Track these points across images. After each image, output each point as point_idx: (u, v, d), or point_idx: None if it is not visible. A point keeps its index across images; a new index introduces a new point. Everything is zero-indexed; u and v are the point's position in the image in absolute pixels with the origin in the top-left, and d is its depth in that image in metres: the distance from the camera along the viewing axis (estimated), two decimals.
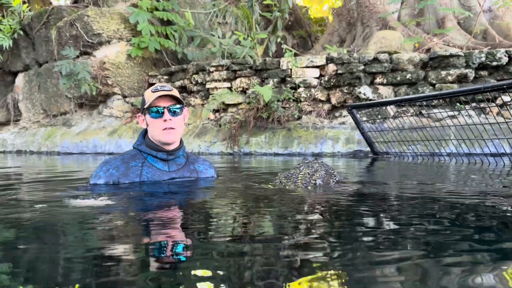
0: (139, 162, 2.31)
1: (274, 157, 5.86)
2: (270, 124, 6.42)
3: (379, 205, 1.89)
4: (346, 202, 1.98)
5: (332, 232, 1.35)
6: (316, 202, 1.93)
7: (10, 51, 9.08)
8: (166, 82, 8.03)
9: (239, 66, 6.83)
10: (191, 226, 1.49)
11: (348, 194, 2.17)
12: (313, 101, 6.47)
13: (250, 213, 1.71)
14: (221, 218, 1.64)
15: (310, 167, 2.56)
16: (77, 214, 1.67)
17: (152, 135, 2.31)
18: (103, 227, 1.46)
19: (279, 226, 1.47)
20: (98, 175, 2.27)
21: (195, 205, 1.92)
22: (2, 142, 9.31)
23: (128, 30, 8.20)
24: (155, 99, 2.25)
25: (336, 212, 1.70)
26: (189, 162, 2.48)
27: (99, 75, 7.85)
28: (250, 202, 1.98)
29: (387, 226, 1.45)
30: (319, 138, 6.12)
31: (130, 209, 1.77)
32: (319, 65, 6.43)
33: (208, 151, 6.51)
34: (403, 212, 1.68)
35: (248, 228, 1.45)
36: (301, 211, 1.71)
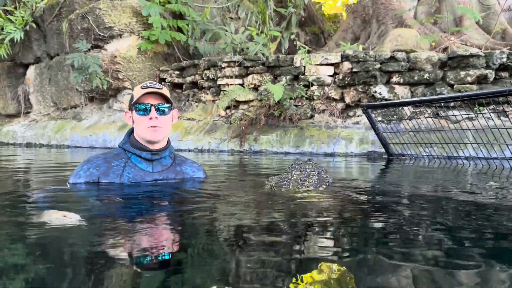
0: (122, 161, 2.24)
1: (285, 156, 5.74)
2: (281, 122, 6.30)
3: (367, 212, 1.78)
4: (334, 209, 1.84)
5: (317, 242, 1.26)
6: (304, 210, 1.80)
7: (22, 43, 9.05)
8: (177, 77, 7.94)
9: (251, 63, 6.70)
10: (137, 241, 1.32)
11: (339, 201, 2.04)
12: (327, 100, 6.33)
13: (226, 224, 1.55)
14: (187, 230, 1.47)
15: (302, 171, 2.45)
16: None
17: (137, 133, 2.24)
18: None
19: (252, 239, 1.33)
20: (79, 174, 2.21)
21: (155, 215, 1.72)
22: (12, 134, 9.30)
23: (140, 24, 8.10)
24: (142, 95, 2.16)
25: (322, 221, 1.59)
26: (176, 163, 2.39)
27: (110, 69, 7.77)
28: (229, 210, 1.82)
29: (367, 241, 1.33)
30: (332, 137, 5.98)
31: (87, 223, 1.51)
32: (333, 62, 6.28)
33: (218, 149, 6.41)
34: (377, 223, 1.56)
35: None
36: (286, 219, 1.60)
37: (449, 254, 1.17)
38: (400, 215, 1.76)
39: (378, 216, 1.77)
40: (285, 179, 2.32)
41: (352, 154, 5.70)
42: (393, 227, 1.54)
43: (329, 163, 4.83)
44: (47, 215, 1.53)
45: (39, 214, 1.58)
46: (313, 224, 1.54)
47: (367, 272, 1.00)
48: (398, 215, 1.76)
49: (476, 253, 1.17)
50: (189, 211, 1.79)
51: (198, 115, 7.17)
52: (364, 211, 1.85)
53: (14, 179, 3.09)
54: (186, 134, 6.87)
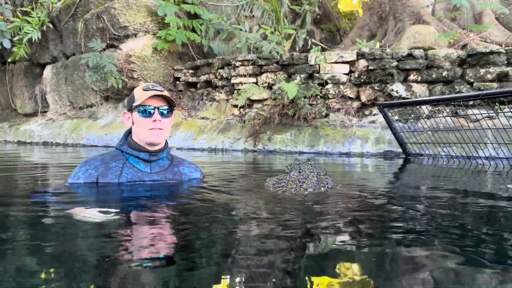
0: (120, 162, 2.25)
1: (300, 155, 5.66)
2: (296, 121, 6.22)
3: (365, 219, 1.69)
4: (331, 215, 1.76)
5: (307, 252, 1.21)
6: (298, 213, 1.75)
7: (39, 43, 9.15)
8: (191, 76, 7.93)
9: (265, 61, 6.64)
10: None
11: (335, 204, 1.97)
12: (342, 98, 6.22)
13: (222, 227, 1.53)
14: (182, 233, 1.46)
15: (301, 172, 2.41)
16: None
17: (138, 135, 2.24)
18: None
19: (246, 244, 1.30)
20: (77, 176, 2.22)
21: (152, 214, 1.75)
22: (29, 133, 9.42)
23: (155, 23, 8.11)
24: (147, 98, 2.18)
25: (315, 227, 1.53)
26: (173, 164, 2.42)
27: (125, 68, 7.80)
28: (224, 213, 1.79)
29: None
30: (347, 137, 5.88)
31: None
32: (349, 60, 6.17)
33: (231, 148, 6.36)
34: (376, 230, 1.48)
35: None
36: (280, 223, 1.55)
37: (469, 258, 1.13)
38: (410, 218, 1.68)
39: (381, 221, 1.69)
40: (283, 180, 2.28)
41: (368, 154, 5.60)
42: (398, 231, 1.47)
43: (343, 163, 4.75)
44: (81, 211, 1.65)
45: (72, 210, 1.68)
46: (307, 227, 1.51)
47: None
48: (402, 218, 1.68)
49: (495, 256, 1.15)
50: (187, 210, 1.79)
51: (212, 114, 7.14)
52: (367, 214, 1.78)
53: (29, 176, 3.09)
54: (199, 133, 6.84)
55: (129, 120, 2.31)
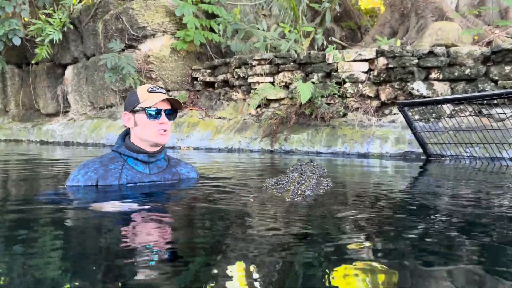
0: (119, 164, 2.25)
1: (317, 155, 5.56)
2: (313, 121, 6.11)
3: (359, 224, 1.61)
4: (321, 218, 1.70)
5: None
6: (287, 216, 1.70)
7: (60, 44, 9.30)
8: (209, 76, 7.91)
9: (282, 60, 6.56)
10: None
11: (328, 208, 1.89)
12: (361, 97, 6.09)
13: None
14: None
15: (302, 173, 2.37)
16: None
17: (142, 136, 2.25)
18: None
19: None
20: (76, 179, 2.20)
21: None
22: (51, 133, 9.58)
23: (173, 24, 8.13)
24: (158, 102, 2.21)
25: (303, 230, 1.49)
26: (171, 165, 2.45)
27: (143, 68, 7.84)
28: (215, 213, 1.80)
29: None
30: (366, 137, 5.74)
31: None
32: (368, 58, 6.03)
33: (248, 148, 6.31)
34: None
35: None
36: (270, 227, 1.51)
37: (492, 264, 1.08)
38: (421, 223, 1.58)
39: (383, 230, 1.60)
40: (282, 181, 2.25)
41: (387, 155, 5.46)
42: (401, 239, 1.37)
43: (362, 164, 4.63)
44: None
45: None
46: (295, 232, 1.47)
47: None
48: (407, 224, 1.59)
49: None
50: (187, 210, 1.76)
51: (229, 114, 7.10)
52: (362, 217, 1.68)
53: (40, 176, 3.10)
54: (216, 133, 6.81)
55: (129, 121, 2.28)
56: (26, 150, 7.12)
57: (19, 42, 9.12)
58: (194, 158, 5.17)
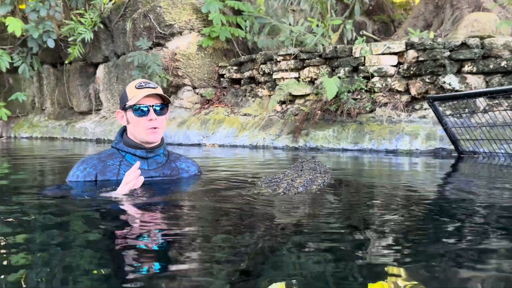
0: (117, 160, 2.25)
1: (342, 153, 5.40)
2: (339, 117, 5.94)
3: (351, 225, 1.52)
4: (300, 216, 1.63)
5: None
6: (269, 212, 1.68)
7: (92, 44, 9.49)
8: (235, 73, 7.85)
9: (307, 55, 6.40)
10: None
11: (321, 205, 1.83)
12: (389, 92, 5.86)
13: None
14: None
15: (298, 170, 2.39)
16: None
17: (134, 134, 2.22)
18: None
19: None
20: (76, 175, 2.21)
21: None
22: (84, 131, 9.81)
23: (200, 21, 8.12)
24: (141, 98, 2.15)
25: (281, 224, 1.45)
26: (170, 160, 2.42)
27: (170, 66, 7.88)
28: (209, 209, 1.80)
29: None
30: (395, 133, 5.52)
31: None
32: (397, 51, 5.79)
33: (272, 145, 6.20)
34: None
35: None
36: (255, 224, 1.48)
37: None
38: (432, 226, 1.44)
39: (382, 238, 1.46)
40: (276, 178, 2.24)
41: (417, 151, 5.22)
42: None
43: (390, 161, 4.45)
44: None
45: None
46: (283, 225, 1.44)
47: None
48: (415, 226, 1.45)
49: None
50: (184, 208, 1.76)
51: (254, 110, 7.02)
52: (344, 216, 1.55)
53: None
54: (241, 130, 6.75)
55: (123, 118, 2.29)
56: (60, 147, 7.31)
57: (53, 44, 9.38)
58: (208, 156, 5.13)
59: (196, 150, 6.17)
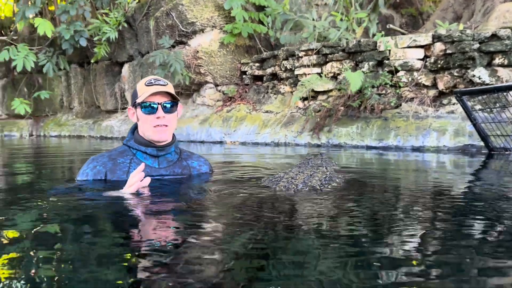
0: (127, 158, 2.21)
1: (366, 150, 5.25)
2: (363, 113, 5.78)
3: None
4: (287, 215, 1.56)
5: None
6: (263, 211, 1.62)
7: (117, 43, 9.60)
8: (258, 70, 7.77)
9: (330, 49, 6.26)
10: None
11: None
12: (416, 87, 5.66)
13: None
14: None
15: (302, 167, 2.33)
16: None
17: (143, 132, 2.17)
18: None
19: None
20: (86, 173, 2.19)
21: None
22: (110, 129, 9.95)
23: (222, 18, 8.08)
24: (150, 95, 2.09)
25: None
26: (182, 158, 2.35)
27: (192, 64, 7.87)
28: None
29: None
30: (421, 129, 5.32)
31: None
32: (423, 44, 5.58)
33: (294, 142, 6.10)
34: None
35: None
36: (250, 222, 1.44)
37: None
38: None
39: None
40: (278, 175, 2.18)
41: (444, 148, 5.02)
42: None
43: (417, 158, 4.29)
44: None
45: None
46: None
47: None
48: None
49: None
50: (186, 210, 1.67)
51: (276, 107, 6.93)
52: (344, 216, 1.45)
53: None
54: (263, 127, 6.67)
55: (134, 116, 2.24)
56: (87, 145, 7.42)
57: (85, 43, 9.53)
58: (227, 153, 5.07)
59: (218, 147, 6.13)
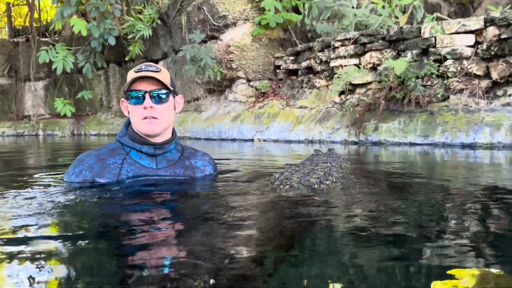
0: (119, 158, 1.91)
1: (410, 147, 4.74)
2: (406, 106, 5.25)
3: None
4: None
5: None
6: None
7: (151, 40, 9.50)
8: (292, 63, 7.36)
9: (368, 38, 5.75)
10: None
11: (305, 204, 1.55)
12: (465, 77, 5.06)
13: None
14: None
15: (304, 165, 2.22)
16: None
17: (135, 126, 1.86)
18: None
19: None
20: (71, 178, 1.92)
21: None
22: None
23: (255, 10, 7.74)
24: (134, 81, 1.78)
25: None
26: (184, 157, 2.06)
27: (224, 59, 7.58)
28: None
29: None
30: (472, 124, 4.74)
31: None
32: (474, 29, 4.97)
33: (329, 139, 5.66)
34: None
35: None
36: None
37: None
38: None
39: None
40: (275, 178, 2.02)
41: (499, 145, 4.44)
42: None
43: (468, 156, 3.77)
44: None
45: None
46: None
47: None
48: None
49: None
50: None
51: (311, 102, 6.50)
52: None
53: None
54: (296, 124, 6.27)
55: (126, 109, 1.94)
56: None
57: (114, 42, 9.54)
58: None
59: (249, 145, 5.81)
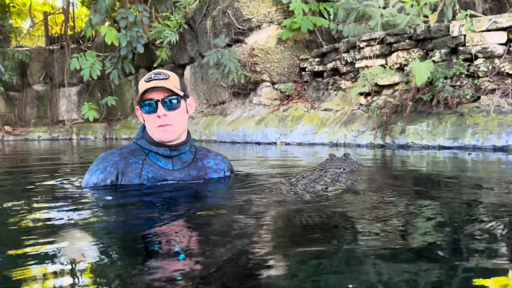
0: (140, 159, 1.98)
1: (439, 150, 4.54)
2: (434, 108, 5.04)
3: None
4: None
5: None
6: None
7: (178, 45, 9.60)
8: (318, 65, 7.24)
9: (395, 38, 5.57)
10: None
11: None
12: (498, 76, 4.81)
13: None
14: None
15: (313, 171, 2.20)
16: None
17: (151, 132, 1.99)
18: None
19: None
20: (95, 174, 1.94)
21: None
22: None
23: (280, 12, 7.68)
24: (145, 91, 1.87)
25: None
26: (197, 158, 2.11)
27: (248, 62, 7.55)
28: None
29: None
30: (505, 126, 4.49)
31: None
32: (506, 26, 4.72)
33: (355, 142, 5.50)
34: None
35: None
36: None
37: None
38: None
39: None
40: (290, 178, 2.05)
41: None
42: None
43: (500, 161, 3.57)
44: None
45: None
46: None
47: None
48: None
49: None
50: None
51: (336, 104, 6.36)
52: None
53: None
54: (321, 127, 6.14)
55: (141, 116, 2.00)
56: None
57: (142, 50, 9.68)
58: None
59: (272, 149, 5.73)
